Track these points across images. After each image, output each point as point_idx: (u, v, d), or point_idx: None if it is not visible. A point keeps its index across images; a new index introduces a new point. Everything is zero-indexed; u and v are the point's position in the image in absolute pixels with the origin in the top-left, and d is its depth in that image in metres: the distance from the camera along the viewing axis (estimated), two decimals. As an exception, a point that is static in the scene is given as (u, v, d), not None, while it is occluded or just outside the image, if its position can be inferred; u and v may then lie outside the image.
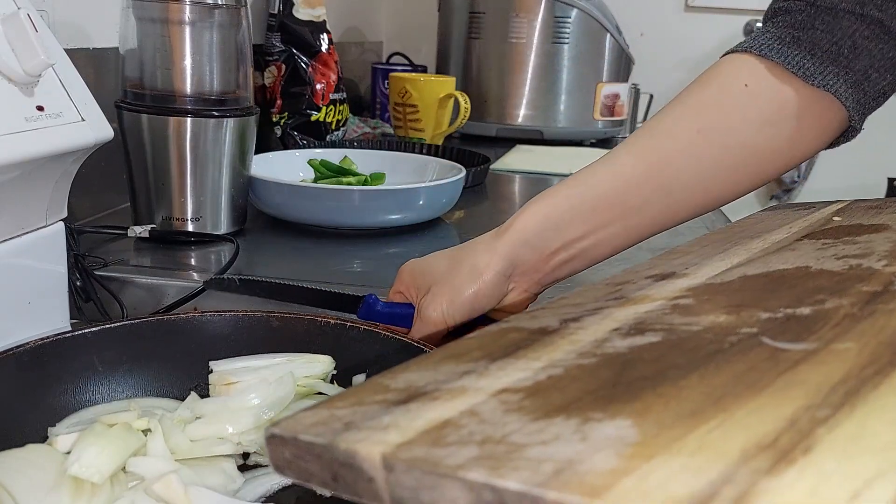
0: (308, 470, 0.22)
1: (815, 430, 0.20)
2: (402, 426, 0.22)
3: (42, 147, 0.51)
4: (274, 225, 0.89)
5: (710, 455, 0.19)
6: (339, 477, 0.21)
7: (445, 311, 0.55)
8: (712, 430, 0.21)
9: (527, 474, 0.18)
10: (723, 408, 0.22)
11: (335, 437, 0.21)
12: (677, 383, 0.24)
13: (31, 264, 0.56)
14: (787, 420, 0.21)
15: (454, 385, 0.25)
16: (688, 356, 0.27)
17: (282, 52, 1.22)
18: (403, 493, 0.20)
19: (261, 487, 0.45)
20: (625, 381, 0.25)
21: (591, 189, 0.55)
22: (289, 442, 0.22)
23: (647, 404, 0.23)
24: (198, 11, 0.76)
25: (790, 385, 0.24)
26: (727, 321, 0.31)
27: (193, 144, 0.77)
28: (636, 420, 0.21)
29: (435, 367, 0.27)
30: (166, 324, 0.54)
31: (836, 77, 0.54)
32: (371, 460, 0.20)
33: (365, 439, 0.21)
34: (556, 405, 0.23)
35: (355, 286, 0.69)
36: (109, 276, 0.70)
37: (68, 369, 0.50)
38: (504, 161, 1.39)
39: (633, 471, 0.19)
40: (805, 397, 0.23)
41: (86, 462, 0.41)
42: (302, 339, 0.54)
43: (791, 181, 2.32)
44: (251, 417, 0.49)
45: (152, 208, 0.79)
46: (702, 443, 0.20)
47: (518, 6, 1.57)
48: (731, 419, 0.21)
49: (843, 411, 0.22)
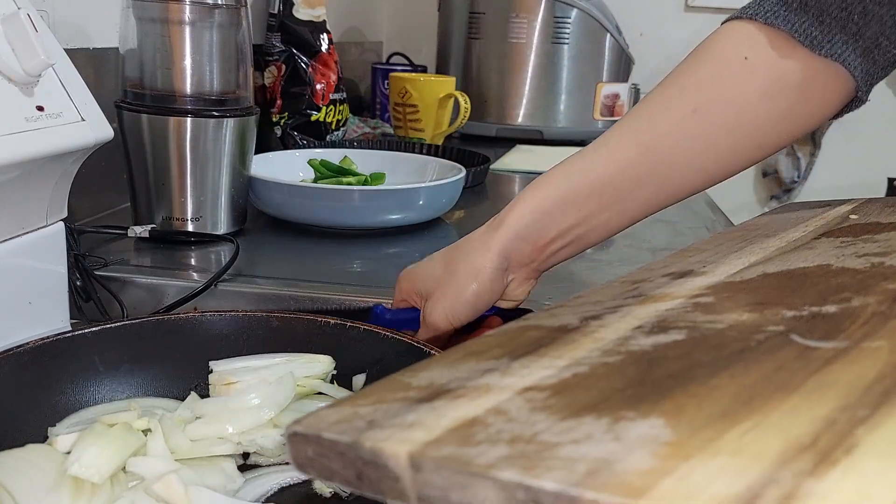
0: (331, 468, 0.21)
1: (854, 431, 0.20)
2: (429, 424, 0.21)
3: (42, 147, 0.51)
4: (274, 225, 0.89)
5: (749, 456, 0.19)
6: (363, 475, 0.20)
7: (449, 315, 0.55)
8: (748, 432, 0.20)
9: (562, 474, 0.18)
10: (756, 409, 0.22)
11: (359, 434, 0.21)
12: (707, 382, 0.24)
13: (31, 264, 0.56)
14: (824, 421, 0.21)
15: (478, 383, 0.25)
16: (713, 354, 0.27)
17: (282, 52, 1.22)
18: (432, 493, 0.19)
19: (261, 487, 0.45)
20: (652, 379, 0.25)
21: (585, 176, 0.54)
22: (311, 440, 0.22)
23: (678, 404, 0.22)
24: (198, 11, 0.76)
25: (823, 385, 0.23)
26: (751, 319, 0.30)
27: (193, 144, 0.77)
28: (669, 420, 0.21)
29: (455, 364, 0.27)
30: (166, 324, 0.54)
31: (846, 45, 0.52)
32: (397, 459, 0.20)
33: (390, 437, 0.21)
34: (585, 403, 0.22)
35: (355, 286, 0.69)
36: (109, 276, 0.70)
37: (68, 369, 0.50)
38: (504, 161, 1.39)
39: (671, 471, 0.18)
40: (839, 398, 0.22)
41: (86, 462, 0.41)
42: (302, 339, 0.54)
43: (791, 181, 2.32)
44: (251, 417, 0.49)
45: (152, 208, 0.79)
46: (739, 444, 0.20)
47: (518, 6, 1.57)
48: (765, 420, 0.21)
49: (882, 411, 0.21)
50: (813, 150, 2.30)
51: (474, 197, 1.12)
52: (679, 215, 1.08)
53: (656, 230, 1.00)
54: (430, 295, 0.57)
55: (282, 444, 0.49)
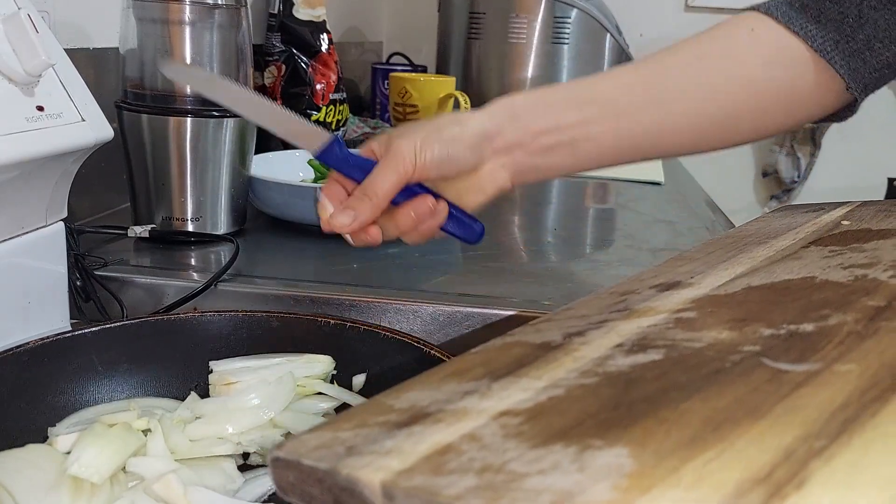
0: (310, 494, 0.22)
1: (809, 463, 0.20)
2: (405, 451, 0.22)
3: (42, 147, 0.51)
4: (274, 225, 0.89)
5: (707, 488, 0.19)
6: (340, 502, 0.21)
7: (417, 145, 0.51)
8: (710, 461, 0.21)
9: None
10: (722, 436, 0.22)
11: (337, 462, 0.21)
12: (678, 407, 0.24)
13: (31, 264, 0.56)
14: (783, 451, 0.21)
15: (457, 406, 0.25)
16: (689, 374, 0.27)
17: (282, 52, 1.22)
18: None
19: (260, 487, 0.45)
20: (626, 402, 0.25)
21: (588, 88, 0.56)
22: (292, 466, 0.22)
23: (647, 430, 0.23)
24: (198, 12, 0.76)
25: (790, 411, 0.24)
26: (729, 337, 0.31)
27: (193, 144, 0.77)
28: (634, 449, 0.21)
29: (438, 385, 0.27)
30: (166, 324, 0.54)
31: (835, 46, 0.54)
32: (372, 487, 0.20)
33: (367, 465, 0.21)
34: (556, 430, 0.23)
35: (355, 286, 0.69)
36: (109, 276, 0.70)
37: (68, 369, 0.50)
38: (504, 161, 1.39)
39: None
40: (803, 425, 0.23)
41: (86, 462, 0.41)
42: (302, 339, 0.54)
43: (791, 181, 2.32)
44: (251, 417, 0.49)
45: (152, 208, 0.79)
46: (700, 474, 0.20)
47: (518, 6, 1.57)
48: (729, 449, 0.21)
49: (840, 441, 0.22)
50: (813, 151, 2.30)
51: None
52: (679, 215, 1.08)
53: (656, 230, 1.00)
54: None
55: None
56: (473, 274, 0.80)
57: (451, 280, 0.76)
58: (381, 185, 0.51)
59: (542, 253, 0.91)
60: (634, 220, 1.06)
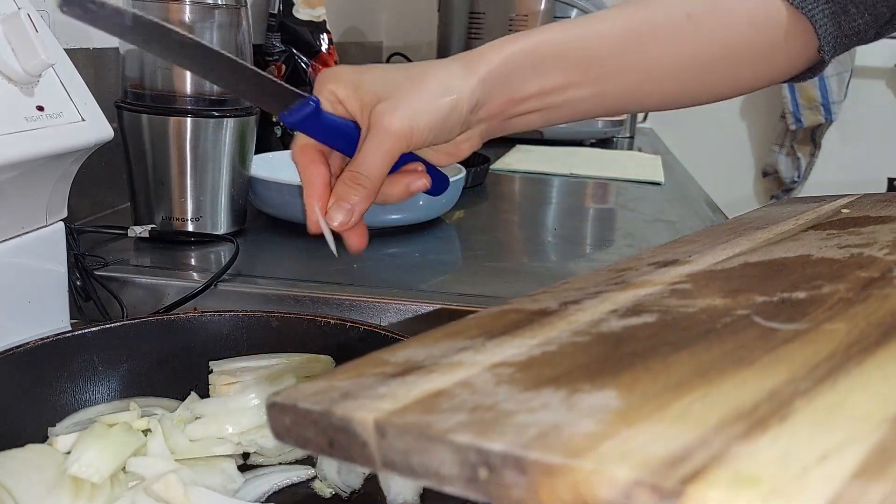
0: (305, 436, 0.22)
1: (793, 401, 0.21)
2: (398, 396, 0.22)
3: (42, 147, 0.51)
4: (274, 225, 0.89)
5: (690, 422, 0.20)
6: (334, 442, 0.21)
7: (412, 119, 0.45)
8: (695, 401, 0.21)
9: (511, 437, 0.19)
10: (708, 381, 0.23)
11: (332, 404, 0.22)
12: (667, 359, 0.25)
13: (31, 264, 0.56)
14: (767, 392, 0.22)
15: (451, 360, 0.26)
16: (680, 335, 0.27)
17: (282, 52, 1.22)
18: (395, 457, 0.20)
19: (261, 487, 0.45)
20: (616, 356, 0.25)
21: (579, 41, 0.52)
22: (288, 409, 0.23)
23: (635, 377, 0.23)
24: (198, 11, 0.76)
25: (776, 361, 0.24)
26: (723, 304, 0.31)
27: (193, 144, 0.77)
28: (621, 392, 0.22)
29: (434, 343, 0.28)
30: (166, 324, 0.54)
31: (816, 3, 0.54)
32: (365, 425, 0.21)
33: (360, 407, 0.22)
34: (547, 377, 0.23)
35: (355, 286, 0.69)
36: (109, 276, 0.70)
37: (68, 369, 0.50)
38: (504, 161, 1.39)
39: (613, 435, 0.19)
40: (788, 372, 0.23)
41: (86, 462, 0.41)
42: (302, 339, 0.54)
43: (791, 181, 2.32)
44: (251, 417, 0.49)
45: (152, 208, 0.79)
46: (684, 412, 0.21)
47: (518, 6, 1.57)
48: (715, 391, 0.22)
49: (825, 384, 0.22)
50: (813, 151, 2.30)
51: (474, 197, 1.12)
52: (679, 215, 1.08)
53: (656, 230, 1.00)
54: (382, 98, 0.47)
55: (282, 444, 0.49)
56: (473, 274, 0.80)
57: (451, 280, 0.76)
58: (375, 168, 0.46)
59: (542, 252, 0.91)
60: (634, 220, 1.06)
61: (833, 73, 2.13)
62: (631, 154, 1.61)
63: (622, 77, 0.54)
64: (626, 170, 1.35)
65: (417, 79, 0.47)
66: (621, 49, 0.53)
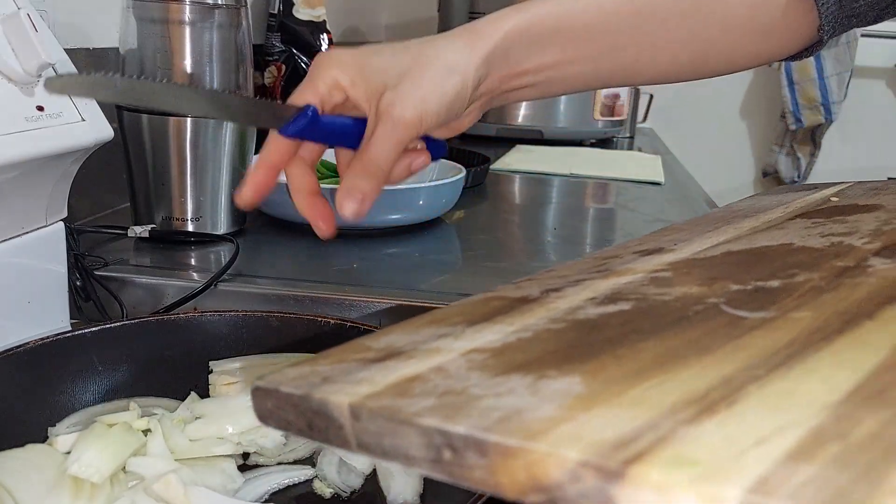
0: (286, 419, 0.23)
1: (745, 387, 0.22)
2: (375, 380, 0.23)
3: (42, 147, 0.51)
4: (274, 225, 0.89)
5: (644, 408, 0.20)
6: (313, 424, 0.22)
7: (421, 108, 0.45)
8: (652, 387, 0.22)
9: (475, 420, 0.20)
10: (668, 368, 0.23)
11: (312, 388, 0.23)
12: (635, 346, 0.26)
13: (31, 264, 0.56)
14: (722, 378, 0.22)
15: (430, 346, 0.26)
16: (652, 322, 0.28)
17: (282, 51, 1.22)
18: (368, 439, 0.21)
19: (261, 487, 0.45)
20: (587, 343, 0.26)
21: (574, 17, 0.52)
22: (271, 393, 0.24)
23: (602, 364, 0.24)
24: (198, 11, 0.76)
25: (738, 349, 0.25)
26: (698, 292, 0.32)
27: (193, 145, 0.77)
28: (585, 378, 0.23)
29: (416, 330, 0.29)
30: (166, 324, 0.54)
31: None
32: (341, 409, 0.22)
33: (338, 391, 0.22)
34: (518, 363, 0.24)
35: (355, 286, 0.69)
36: (109, 276, 0.70)
37: (68, 369, 0.50)
38: (504, 161, 1.39)
39: (571, 419, 0.20)
40: (748, 359, 0.24)
41: (86, 462, 0.41)
42: (302, 339, 0.54)
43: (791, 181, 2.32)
44: (251, 417, 0.48)
45: (152, 208, 0.79)
46: (640, 397, 0.21)
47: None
48: (673, 378, 0.23)
49: (780, 371, 0.23)
50: (813, 150, 2.30)
51: (474, 197, 1.12)
52: (679, 215, 1.08)
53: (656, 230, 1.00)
54: (389, 84, 0.46)
55: (282, 444, 0.49)
56: (473, 274, 0.80)
57: (451, 280, 0.76)
58: (385, 157, 0.46)
59: (541, 252, 0.91)
60: (634, 220, 1.06)
61: (833, 73, 2.13)
62: (631, 154, 1.61)
63: (619, 53, 0.53)
64: (626, 170, 1.35)
65: (423, 62, 0.47)
66: (619, 25, 0.53)
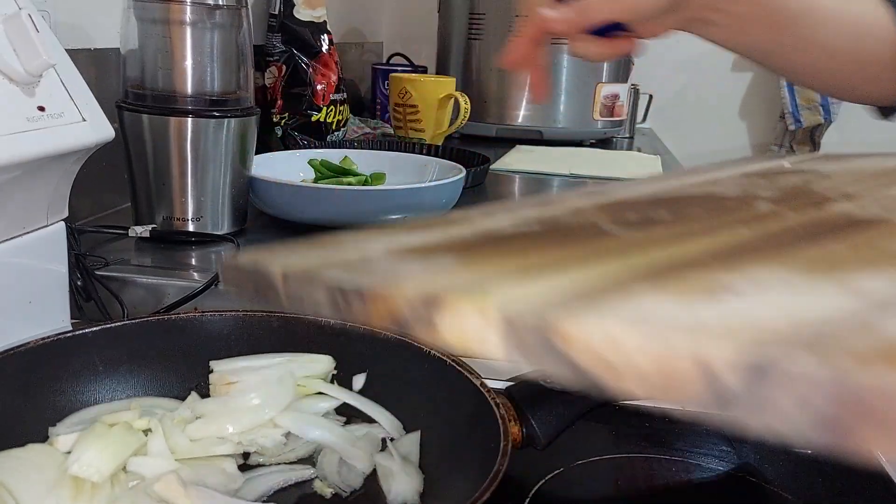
0: (241, 283, 0.29)
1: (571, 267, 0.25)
2: (308, 257, 0.28)
3: (43, 147, 0.51)
4: (274, 225, 0.89)
5: (485, 274, 0.25)
6: (258, 287, 0.28)
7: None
8: (504, 266, 0.26)
9: (367, 279, 0.25)
10: (528, 259, 0.27)
11: (259, 262, 0.28)
12: (521, 251, 0.29)
13: (31, 264, 0.56)
14: (555, 259, 0.27)
15: (365, 244, 0.31)
16: (549, 238, 0.32)
17: (282, 52, 1.22)
18: (293, 294, 0.27)
19: (261, 487, 0.46)
20: (486, 245, 0.30)
21: None
22: (231, 266, 0.30)
23: (484, 256, 0.28)
24: (199, 12, 0.76)
25: (593, 252, 0.29)
26: (599, 218, 0.35)
27: (194, 145, 0.77)
28: (462, 260, 0.27)
29: (369, 234, 0.33)
30: (167, 324, 0.54)
31: None
32: (276, 274, 0.28)
33: (275, 262, 0.28)
34: (421, 252, 0.29)
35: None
36: (110, 276, 0.70)
37: (68, 369, 0.50)
38: (504, 161, 1.39)
39: (427, 277, 0.25)
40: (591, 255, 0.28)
41: (86, 462, 0.42)
42: (302, 339, 0.54)
43: (791, 182, 2.32)
44: (251, 417, 0.49)
45: (153, 208, 0.79)
46: (484, 269, 0.26)
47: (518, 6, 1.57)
48: (524, 262, 0.27)
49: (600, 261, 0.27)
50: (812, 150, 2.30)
51: (474, 197, 1.12)
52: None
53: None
54: None
55: (282, 444, 0.49)
56: (473, 274, 0.80)
57: (451, 280, 0.76)
58: (595, 14, 0.56)
59: (542, 253, 0.91)
60: (634, 221, 1.06)
61: (833, 74, 2.12)
62: (631, 154, 1.61)
63: (789, 52, 0.62)
64: (626, 170, 1.35)
65: None
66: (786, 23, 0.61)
